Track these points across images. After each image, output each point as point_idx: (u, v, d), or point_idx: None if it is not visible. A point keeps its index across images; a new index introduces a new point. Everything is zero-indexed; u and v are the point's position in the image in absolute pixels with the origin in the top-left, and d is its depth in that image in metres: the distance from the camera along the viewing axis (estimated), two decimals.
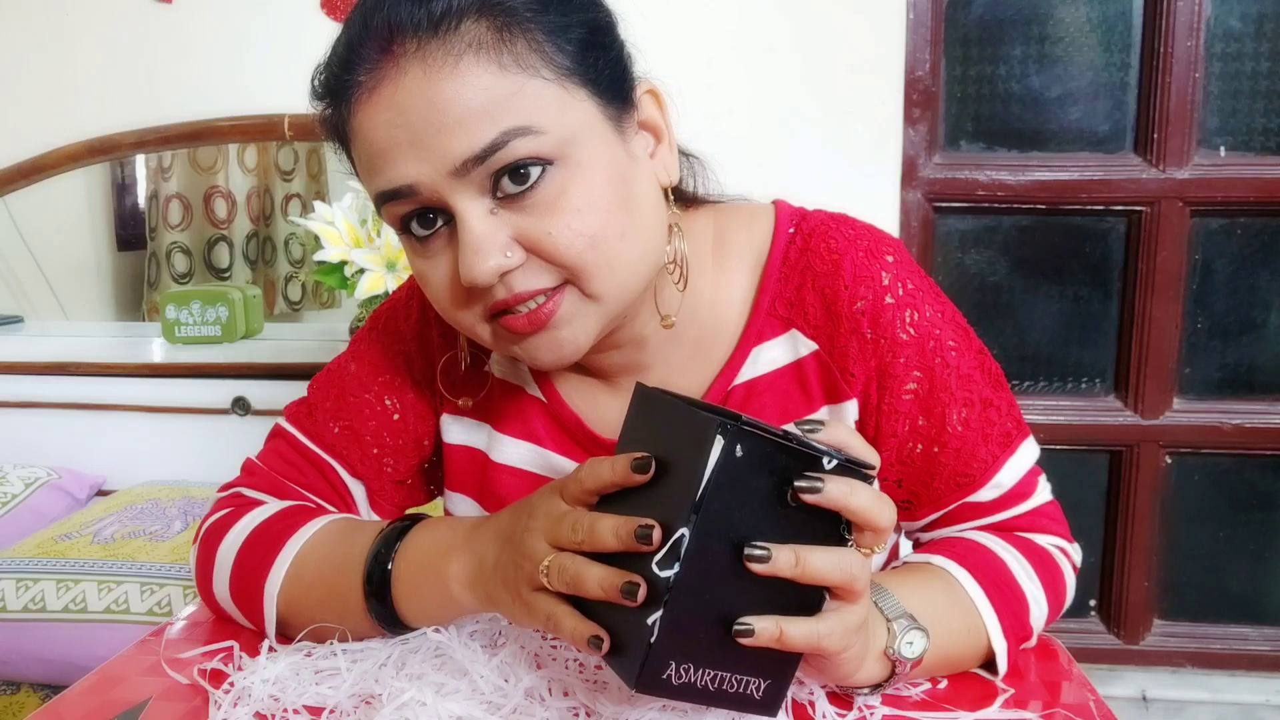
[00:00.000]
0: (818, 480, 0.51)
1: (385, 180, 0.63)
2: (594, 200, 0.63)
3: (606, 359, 0.77)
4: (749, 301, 0.77)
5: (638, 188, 0.67)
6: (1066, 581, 0.76)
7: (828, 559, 0.52)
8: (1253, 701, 2.03)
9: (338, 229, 1.74)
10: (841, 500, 0.52)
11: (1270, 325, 2.02)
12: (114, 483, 2.05)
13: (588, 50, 0.64)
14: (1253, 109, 1.94)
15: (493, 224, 0.62)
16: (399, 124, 0.61)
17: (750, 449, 0.50)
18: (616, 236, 0.64)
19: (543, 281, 0.64)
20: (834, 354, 0.74)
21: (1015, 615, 0.70)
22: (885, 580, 0.66)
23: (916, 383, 0.73)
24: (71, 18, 2.10)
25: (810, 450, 0.52)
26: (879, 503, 0.53)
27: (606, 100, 0.65)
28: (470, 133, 0.60)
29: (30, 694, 1.57)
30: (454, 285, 0.65)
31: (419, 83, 0.60)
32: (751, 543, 0.51)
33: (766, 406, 0.76)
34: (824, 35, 1.90)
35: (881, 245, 0.75)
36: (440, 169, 0.61)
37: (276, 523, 0.76)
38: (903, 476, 0.76)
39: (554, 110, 0.62)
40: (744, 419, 0.50)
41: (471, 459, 0.83)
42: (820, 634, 0.53)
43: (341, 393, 0.83)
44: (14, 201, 2.21)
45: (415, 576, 0.67)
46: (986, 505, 0.76)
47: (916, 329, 0.73)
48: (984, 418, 0.74)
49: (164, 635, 0.76)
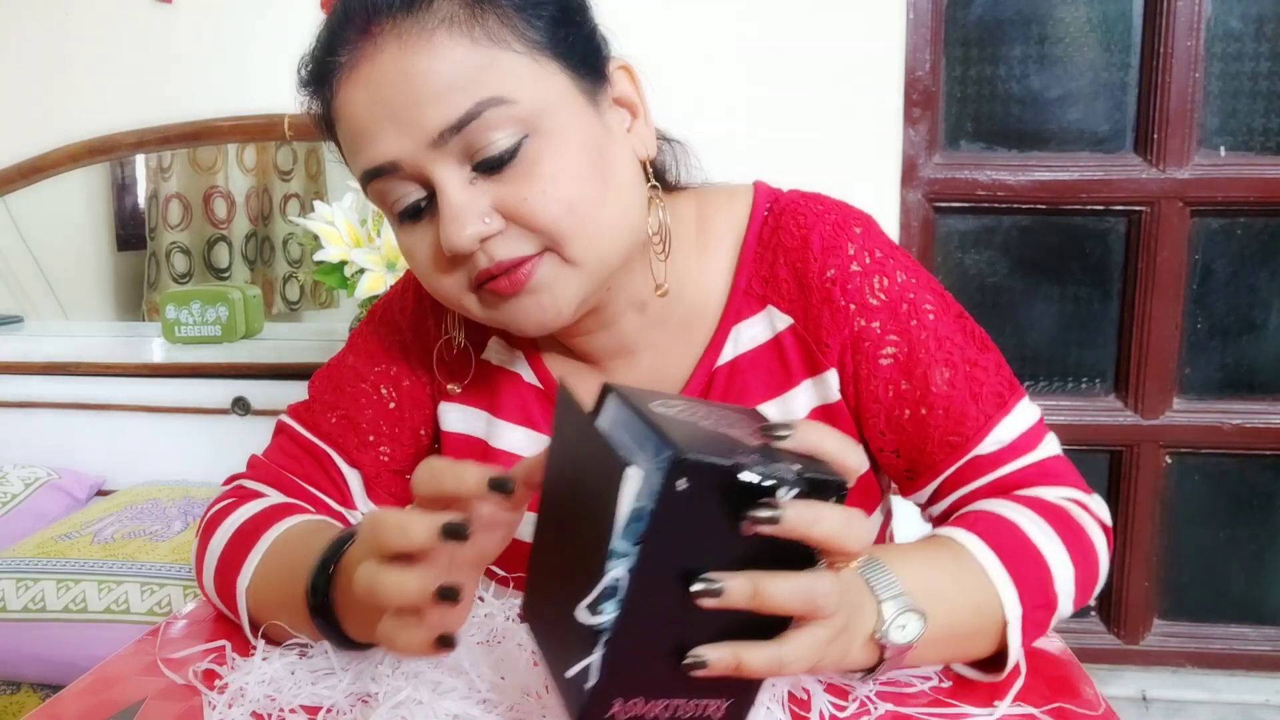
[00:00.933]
0: (775, 509, 0.45)
1: (367, 158, 0.65)
2: (568, 167, 0.65)
3: (594, 340, 0.78)
4: (728, 282, 0.78)
5: (614, 158, 0.68)
6: (1093, 539, 0.71)
7: (789, 587, 0.47)
8: (1253, 701, 2.02)
9: (338, 229, 1.74)
10: (803, 530, 0.46)
11: (1270, 325, 2.02)
12: (114, 483, 2.05)
13: (558, 26, 0.66)
14: (1253, 109, 1.94)
15: (471, 193, 0.64)
16: (377, 99, 0.63)
17: (696, 481, 0.44)
18: (593, 203, 0.66)
19: (523, 249, 0.65)
20: (808, 326, 0.75)
21: (1035, 580, 0.65)
22: (884, 555, 0.61)
23: (894, 346, 0.73)
24: (71, 18, 2.10)
25: (766, 479, 0.46)
26: (847, 526, 0.48)
27: (579, 74, 0.67)
28: (446, 104, 0.62)
29: (30, 694, 1.57)
30: (438, 255, 0.67)
31: (394, 58, 0.62)
32: (701, 576, 0.46)
33: (750, 385, 0.77)
34: (824, 35, 1.90)
35: (849, 218, 0.76)
36: (419, 141, 0.63)
37: (256, 519, 0.76)
38: (898, 445, 0.76)
39: (527, 81, 0.64)
40: (688, 455, 0.44)
41: (471, 447, 0.84)
42: (784, 660, 0.48)
43: (339, 384, 0.84)
44: (14, 201, 2.21)
45: (355, 600, 0.64)
46: (988, 459, 0.73)
47: (887, 294, 0.74)
48: (970, 377, 0.74)
49: (161, 635, 0.76)
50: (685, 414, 0.51)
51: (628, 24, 0.73)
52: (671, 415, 0.50)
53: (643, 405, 0.51)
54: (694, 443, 0.45)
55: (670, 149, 0.80)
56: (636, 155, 0.71)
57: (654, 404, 0.51)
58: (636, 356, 0.79)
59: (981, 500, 0.73)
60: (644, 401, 0.52)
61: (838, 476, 0.49)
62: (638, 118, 0.72)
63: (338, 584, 0.65)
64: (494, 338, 0.83)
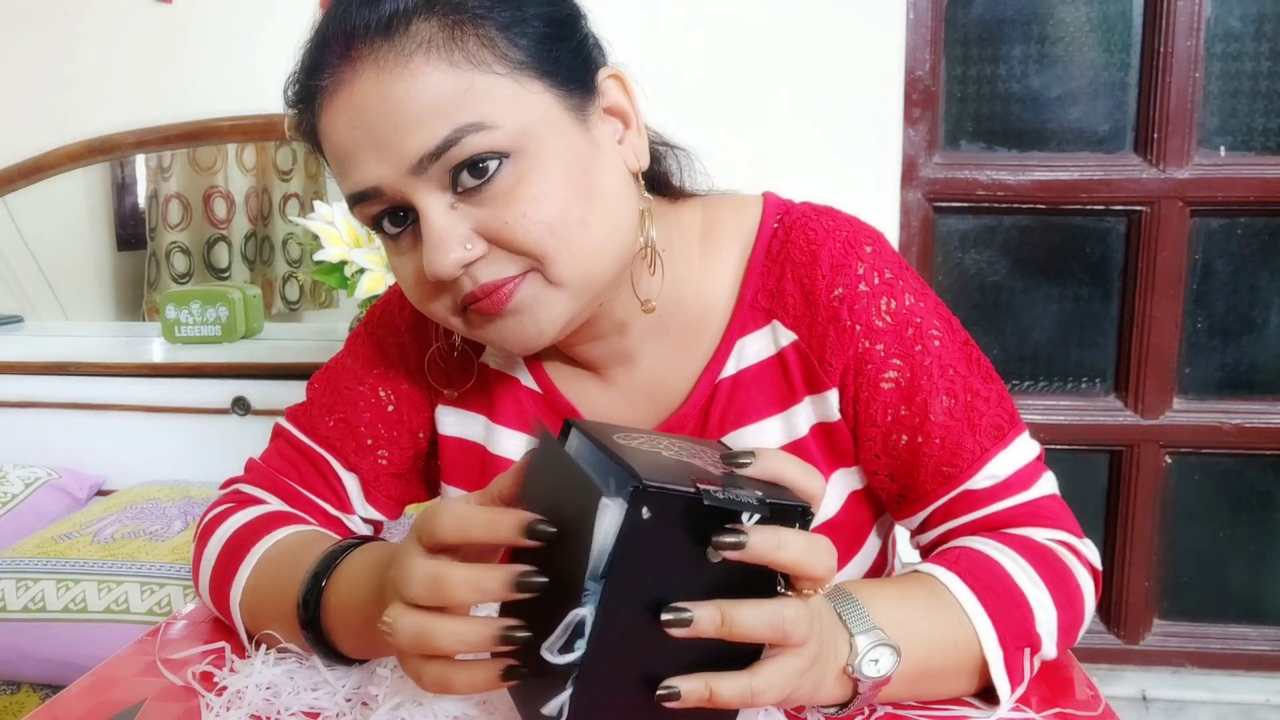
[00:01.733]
0: (739, 535, 0.46)
1: (351, 184, 0.65)
2: (550, 189, 0.63)
3: (593, 349, 0.77)
4: (734, 293, 0.77)
5: (601, 175, 0.67)
6: (1079, 581, 0.70)
7: (758, 615, 0.48)
8: (1253, 701, 2.02)
9: (338, 229, 1.74)
10: (769, 555, 0.47)
11: (1270, 325, 2.02)
12: (114, 483, 2.05)
13: (544, 43, 0.65)
14: (1253, 109, 1.94)
15: (453, 218, 0.63)
16: (358, 125, 0.63)
17: (659, 510, 0.45)
18: (576, 223, 0.64)
19: (507, 271, 0.65)
20: (812, 344, 0.74)
21: (1015, 621, 0.65)
22: (858, 590, 0.62)
23: (896, 370, 0.72)
24: (71, 18, 2.10)
25: (729, 505, 0.46)
26: (812, 551, 0.48)
27: (565, 90, 0.65)
28: (424, 130, 0.61)
29: (30, 694, 1.57)
30: (424, 279, 0.66)
31: (373, 84, 0.62)
32: (670, 605, 0.46)
33: (752, 399, 0.76)
34: (824, 35, 1.90)
35: (860, 236, 0.75)
36: (399, 168, 0.62)
37: (249, 528, 0.76)
38: (892, 470, 0.75)
39: (507, 104, 0.62)
40: (650, 484, 0.45)
41: (469, 452, 0.83)
42: (756, 689, 0.49)
43: (336, 386, 0.84)
44: (14, 201, 2.21)
45: (347, 618, 0.64)
46: (981, 494, 0.72)
47: (894, 316, 0.73)
48: (970, 407, 0.73)
49: (161, 635, 0.76)
50: (646, 445, 0.51)
51: (627, 24, 0.72)
52: (633, 447, 0.50)
53: (604, 438, 0.51)
54: (656, 472, 0.46)
55: (674, 155, 0.79)
56: (628, 167, 0.70)
57: (616, 436, 0.52)
58: (637, 364, 0.78)
59: (966, 537, 0.73)
60: (605, 435, 0.52)
61: (801, 501, 0.49)
62: (630, 127, 0.70)
63: (328, 598, 0.65)
64: None
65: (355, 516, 0.85)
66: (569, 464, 0.50)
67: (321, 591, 0.66)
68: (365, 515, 0.85)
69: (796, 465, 0.51)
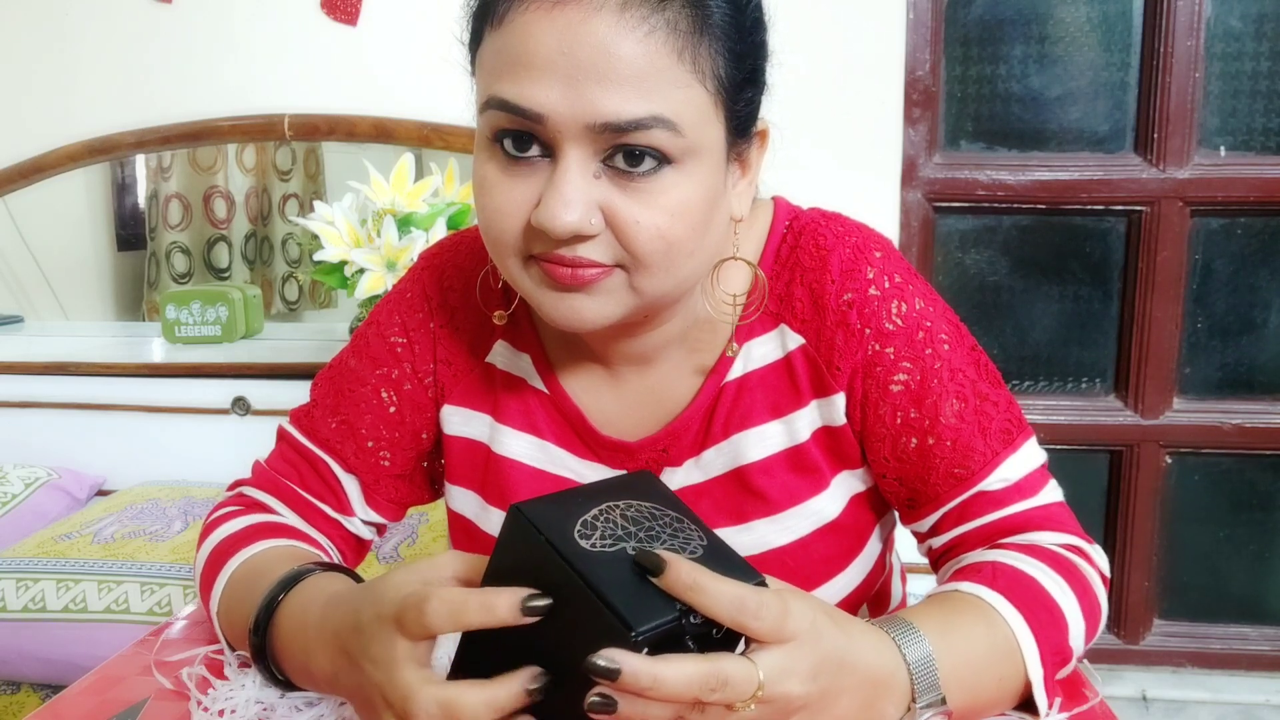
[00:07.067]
0: (612, 665, 0.47)
1: (516, 93, 0.61)
2: (688, 211, 0.64)
3: (617, 347, 0.77)
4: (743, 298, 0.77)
5: (719, 215, 0.68)
6: (1096, 592, 0.71)
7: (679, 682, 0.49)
8: (1253, 701, 2.03)
9: (338, 229, 1.74)
10: (648, 688, 0.48)
11: (1270, 325, 2.02)
12: (114, 483, 2.05)
13: (744, 84, 0.66)
14: (1253, 109, 1.94)
15: (591, 184, 0.62)
16: (565, 50, 0.59)
17: (650, 641, 0.49)
18: (687, 253, 0.65)
19: (603, 258, 0.64)
20: (820, 348, 0.74)
21: (1054, 640, 0.66)
22: (918, 619, 0.62)
23: (906, 374, 0.73)
24: (71, 18, 2.10)
25: (703, 628, 0.51)
26: (704, 676, 0.49)
27: (734, 133, 0.67)
28: (626, 99, 0.60)
29: (30, 694, 1.57)
30: (516, 208, 0.64)
31: (609, 27, 0.59)
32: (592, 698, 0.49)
33: (757, 402, 0.76)
34: (824, 35, 1.90)
35: (870, 242, 0.75)
36: (579, 116, 0.60)
37: (232, 540, 0.77)
38: (901, 473, 0.75)
39: (698, 119, 0.63)
40: (642, 632, 0.48)
41: (473, 451, 0.83)
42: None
43: (339, 387, 0.84)
44: (14, 201, 2.21)
45: (289, 648, 0.65)
46: (993, 496, 0.72)
47: (904, 320, 0.73)
48: (980, 411, 0.73)
49: (162, 635, 0.76)
50: (610, 543, 0.52)
51: None
52: (596, 553, 0.51)
53: (566, 546, 0.51)
54: (640, 612, 0.49)
55: None
56: (731, 214, 0.71)
57: (575, 530, 0.52)
58: (650, 366, 0.78)
59: (990, 550, 0.72)
60: (564, 530, 0.52)
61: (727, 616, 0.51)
62: (745, 177, 0.71)
63: (277, 623, 0.66)
64: (499, 341, 0.82)
65: (356, 519, 0.84)
66: (572, 582, 0.50)
67: (273, 614, 0.66)
68: (366, 518, 0.85)
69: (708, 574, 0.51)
